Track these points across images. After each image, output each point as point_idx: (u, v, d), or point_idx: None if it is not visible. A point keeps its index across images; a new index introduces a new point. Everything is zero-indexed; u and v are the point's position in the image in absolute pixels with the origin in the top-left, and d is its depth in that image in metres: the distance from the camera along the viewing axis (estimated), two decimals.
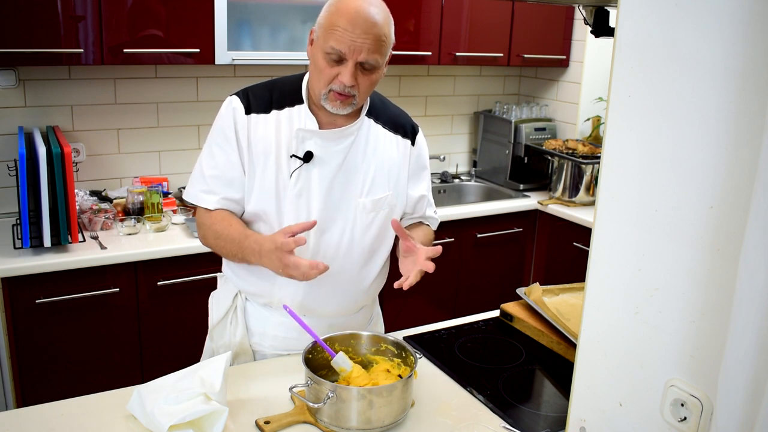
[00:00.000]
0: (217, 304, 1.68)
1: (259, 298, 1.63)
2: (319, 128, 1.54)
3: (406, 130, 1.66)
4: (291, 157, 1.53)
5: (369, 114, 1.61)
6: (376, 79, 1.50)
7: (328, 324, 1.63)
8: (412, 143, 1.67)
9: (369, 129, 1.60)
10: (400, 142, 1.64)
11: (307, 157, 1.52)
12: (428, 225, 1.78)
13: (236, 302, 1.66)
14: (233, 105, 1.55)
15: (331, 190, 1.56)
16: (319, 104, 1.52)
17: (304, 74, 1.60)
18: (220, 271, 1.74)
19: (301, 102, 1.55)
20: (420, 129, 1.71)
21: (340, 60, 1.43)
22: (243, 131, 1.54)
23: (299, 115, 1.54)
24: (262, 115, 1.54)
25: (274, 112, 1.55)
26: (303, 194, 1.54)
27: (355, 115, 1.57)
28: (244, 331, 1.65)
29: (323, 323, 1.62)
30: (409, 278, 1.48)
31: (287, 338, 1.64)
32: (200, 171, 1.59)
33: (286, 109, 1.55)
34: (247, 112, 1.54)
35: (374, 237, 1.62)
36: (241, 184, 1.56)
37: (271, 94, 1.57)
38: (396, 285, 1.48)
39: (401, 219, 1.70)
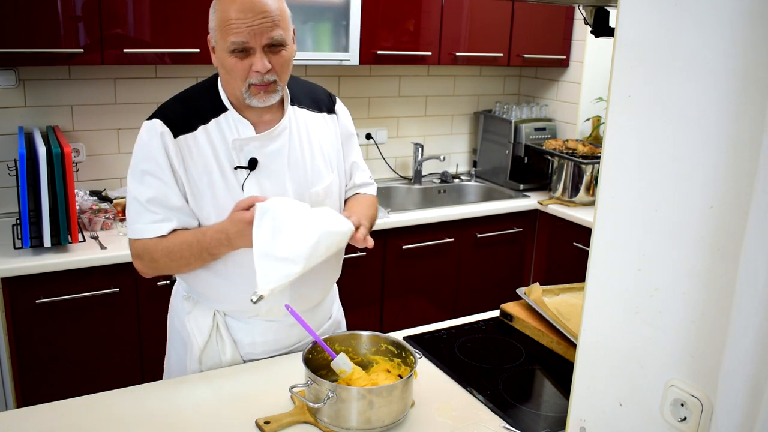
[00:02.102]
0: (197, 329, 1.58)
1: (245, 313, 1.57)
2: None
3: (326, 103, 1.65)
4: (236, 169, 1.48)
5: (291, 102, 1.57)
6: (288, 56, 1.47)
7: (311, 314, 1.63)
8: (336, 114, 1.66)
9: (296, 117, 1.57)
10: (326, 118, 1.63)
11: (252, 164, 1.48)
12: (365, 194, 1.75)
13: (216, 321, 1.59)
14: (159, 130, 1.46)
15: (285, 190, 1.53)
16: (243, 105, 1.48)
17: (214, 81, 1.54)
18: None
19: (224, 110, 1.50)
20: (337, 97, 1.70)
21: (246, 51, 1.41)
22: (176, 156, 1.46)
23: (228, 124, 1.49)
24: (190, 135, 1.47)
25: (200, 128, 1.48)
26: None
27: (280, 107, 1.55)
28: (233, 346, 1.59)
29: (306, 317, 1.53)
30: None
31: (277, 339, 1.62)
32: (139, 205, 1.47)
33: (212, 121, 1.49)
34: (175, 135, 1.46)
35: None
36: (183, 207, 1.48)
37: (188, 109, 1.50)
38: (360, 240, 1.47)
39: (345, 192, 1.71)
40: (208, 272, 1.54)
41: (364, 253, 2.84)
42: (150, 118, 1.50)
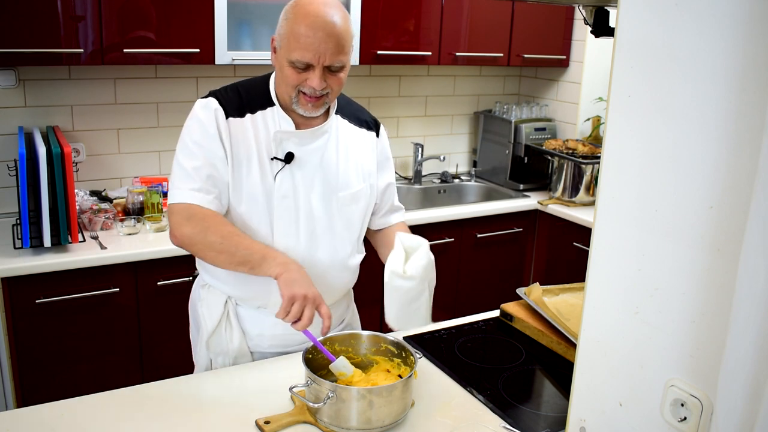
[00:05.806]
0: (209, 313, 1.63)
1: (255, 301, 1.62)
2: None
3: (370, 123, 1.73)
4: (272, 159, 1.55)
5: (337, 111, 1.65)
6: (344, 76, 1.54)
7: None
8: (377, 135, 1.73)
9: (338, 126, 1.64)
10: (366, 135, 1.70)
11: (289, 158, 1.55)
12: (401, 222, 1.81)
13: (227, 308, 1.63)
14: (213, 107, 1.53)
15: (314, 188, 1.59)
16: (290, 107, 1.55)
17: (269, 76, 1.61)
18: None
19: (272, 104, 1.57)
20: (381, 123, 1.78)
21: (306, 67, 1.46)
22: (225, 133, 1.52)
23: (273, 118, 1.56)
24: (238, 119, 1.54)
25: (248, 116, 1.55)
26: (289, 195, 1.56)
27: (325, 113, 1.61)
28: (240, 336, 1.63)
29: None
30: None
31: (285, 335, 1.63)
32: (184, 171, 1.51)
33: (259, 113, 1.56)
34: (227, 115, 1.53)
35: (357, 228, 1.69)
36: (224, 183, 1.54)
37: (240, 97, 1.57)
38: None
39: (373, 211, 1.75)
40: None
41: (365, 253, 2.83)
42: (205, 97, 1.56)
